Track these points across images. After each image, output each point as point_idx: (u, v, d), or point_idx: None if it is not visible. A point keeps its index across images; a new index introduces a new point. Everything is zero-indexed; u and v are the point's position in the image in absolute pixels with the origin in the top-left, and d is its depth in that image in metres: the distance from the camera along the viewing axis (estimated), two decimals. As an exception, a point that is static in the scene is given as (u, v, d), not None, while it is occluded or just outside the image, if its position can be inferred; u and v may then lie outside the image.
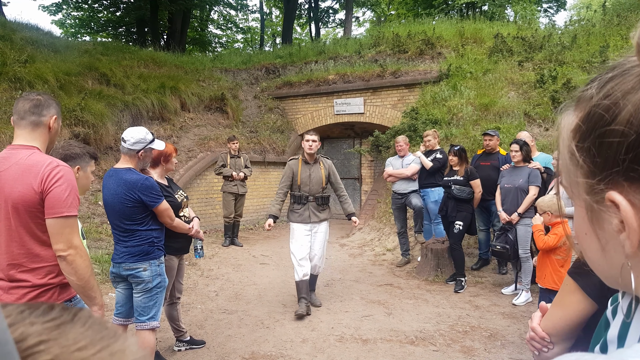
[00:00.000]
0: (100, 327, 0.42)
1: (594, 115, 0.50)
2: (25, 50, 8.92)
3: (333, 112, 11.79)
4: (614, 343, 0.64)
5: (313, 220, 5.07)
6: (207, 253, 7.47)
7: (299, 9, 25.57)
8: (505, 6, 19.75)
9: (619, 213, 0.48)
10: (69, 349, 0.38)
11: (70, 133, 7.67)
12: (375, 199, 9.60)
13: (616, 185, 0.48)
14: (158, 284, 3.20)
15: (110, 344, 0.41)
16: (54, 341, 0.38)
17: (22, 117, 2.13)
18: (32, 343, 0.37)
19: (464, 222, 5.82)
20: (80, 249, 2.12)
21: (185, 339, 4.09)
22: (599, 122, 0.49)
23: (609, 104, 0.48)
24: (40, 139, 2.16)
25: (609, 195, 0.48)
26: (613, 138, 0.47)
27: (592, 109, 0.50)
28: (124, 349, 0.41)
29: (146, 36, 19.45)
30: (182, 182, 8.79)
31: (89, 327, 0.41)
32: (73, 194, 2.11)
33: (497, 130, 6.90)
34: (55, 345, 0.37)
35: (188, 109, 10.85)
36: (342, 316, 4.95)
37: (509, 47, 10.62)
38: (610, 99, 0.48)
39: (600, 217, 0.51)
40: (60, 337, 0.38)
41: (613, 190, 0.48)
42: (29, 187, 2.02)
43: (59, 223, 2.07)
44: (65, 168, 2.12)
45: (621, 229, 0.48)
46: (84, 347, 0.39)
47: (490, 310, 5.10)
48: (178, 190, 3.80)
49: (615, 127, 0.47)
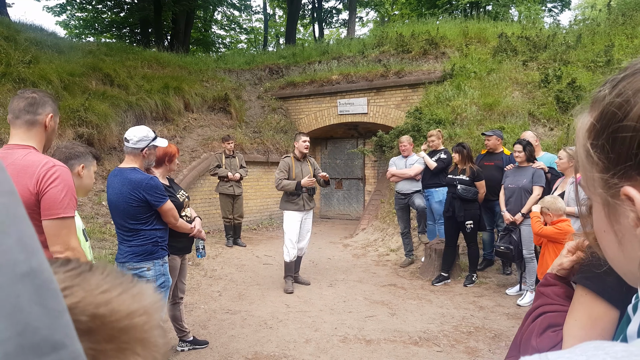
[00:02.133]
0: (118, 274, 0.45)
1: (607, 113, 0.52)
2: (30, 51, 8.95)
3: (336, 112, 11.78)
4: (633, 338, 0.65)
5: (306, 208, 5.87)
6: (210, 253, 7.47)
7: (303, 10, 25.57)
8: (510, 6, 19.68)
9: (634, 207, 0.49)
10: (92, 292, 0.41)
11: (74, 133, 7.70)
12: (379, 200, 9.58)
13: (630, 179, 0.50)
14: (162, 284, 3.20)
15: (130, 287, 0.44)
16: (78, 286, 0.41)
17: (17, 116, 2.09)
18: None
19: (474, 220, 5.90)
20: (77, 250, 2.09)
21: (188, 339, 4.08)
22: (611, 119, 0.51)
23: (621, 102, 0.50)
24: (37, 138, 2.12)
25: (624, 189, 0.50)
26: (625, 133, 0.49)
27: (605, 107, 0.53)
28: (143, 292, 0.45)
29: (150, 37, 19.50)
30: (185, 182, 8.79)
31: (108, 274, 0.44)
32: (70, 195, 2.07)
33: (499, 130, 6.87)
34: (80, 289, 0.40)
35: (191, 109, 10.86)
36: (346, 316, 4.93)
37: (513, 47, 10.57)
38: (622, 97, 0.50)
39: (616, 211, 0.53)
40: (83, 283, 0.41)
41: (627, 185, 0.50)
42: (25, 188, 1.98)
43: (56, 224, 2.03)
44: (62, 168, 2.08)
45: (637, 223, 0.49)
46: (107, 290, 0.42)
47: (495, 311, 5.08)
48: (179, 190, 3.80)
49: (627, 123, 0.49)
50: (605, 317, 1.09)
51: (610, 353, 0.40)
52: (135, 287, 0.45)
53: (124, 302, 0.42)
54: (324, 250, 8.38)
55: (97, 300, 0.40)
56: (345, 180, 12.85)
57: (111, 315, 0.40)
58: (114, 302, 0.41)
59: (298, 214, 5.83)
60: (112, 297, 0.41)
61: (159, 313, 0.46)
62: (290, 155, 5.99)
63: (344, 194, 12.85)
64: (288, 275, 5.92)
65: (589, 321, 1.13)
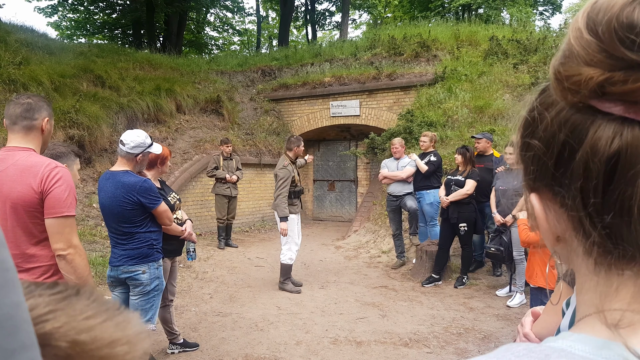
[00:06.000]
0: (103, 301, 0.45)
1: (526, 120, 0.52)
2: (20, 52, 8.89)
3: (329, 114, 11.81)
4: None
5: (298, 211, 5.97)
6: (201, 255, 7.45)
7: (296, 12, 25.61)
8: (501, 9, 19.83)
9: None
10: (76, 317, 0.40)
11: (65, 135, 7.65)
12: (371, 201, 9.60)
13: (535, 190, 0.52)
14: (156, 287, 3.19)
15: (115, 315, 0.44)
16: (62, 311, 0.40)
17: (14, 122, 2.14)
18: (42, 312, 0.40)
19: (468, 223, 5.88)
20: (79, 248, 2.16)
21: (179, 341, 4.07)
22: (527, 128, 0.52)
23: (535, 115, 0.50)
24: (35, 142, 2.18)
25: (531, 196, 0.52)
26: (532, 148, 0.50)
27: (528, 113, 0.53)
28: (128, 321, 0.44)
29: (142, 38, 19.44)
30: (177, 185, 8.77)
31: (94, 301, 0.44)
32: (72, 195, 2.15)
33: (488, 133, 6.93)
34: (63, 314, 0.40)
35: (184, 111, 10.83)
36: (337, 318, 4.94)
37: (504, 50, 10.66)
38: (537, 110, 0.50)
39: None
40: (68, 308, 0.41)
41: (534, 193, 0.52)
42: (29, 187, 2.05)
43: (59, 223, 2.10)
44: (63, 169, 2.16)
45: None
46: (91, 316, 0.41)
47: (485, 312, 5.11)
48: (171, 192, 3.79)
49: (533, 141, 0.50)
50: None
51: (515, 352, 0.42)
52: (121, 316, 0.44)
53: (107, 329, 0.41)
54: (316, 252, 8.39)
55: (80, 326, 0.40)
56: (338, 182, 12.88)
57: (92, 343, 0.40)
58: (96, 329, 0.41)
59: (296, 216, 5.91)
60: (95, 324, 0.41)
61: (143, 344, 0.45)
62: (288, 162, 5.84)
63: (336, 195, 12.87)
64: (287, 278, 5.99)
65: (554, 309, 1.26)
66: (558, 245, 0.50)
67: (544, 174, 0.48)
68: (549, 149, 0.46)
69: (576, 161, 0.43)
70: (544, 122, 0.47)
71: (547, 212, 0.49)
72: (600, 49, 0.41)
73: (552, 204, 0.48)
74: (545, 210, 0.49)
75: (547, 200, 0.49)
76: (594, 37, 0.41)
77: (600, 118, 0.42)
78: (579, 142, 0.43)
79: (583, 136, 0.43)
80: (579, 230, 0.45)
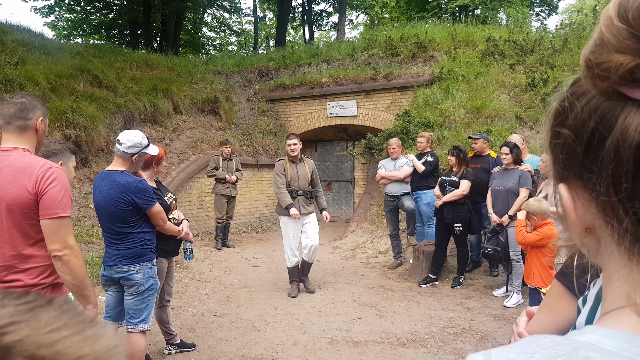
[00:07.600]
0: (76, 313, 0.41)
1: (557, 109, 0.53)
2: (17, 52, 8.86)
3: (326, 114, 11.81)
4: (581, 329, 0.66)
5: (302, 212, 5.68)
6: (199, 256, 7.44)
7: (293, 12, 25.61)
8: (498, 10, 19.89)
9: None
10: (39, 330, 0.38)
11: (62, 135, 7.62)
12: (368, 202, 9.61)
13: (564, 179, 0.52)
14: (150, 287, 3.19)
15: (85, 328, 0.40)
16: (25, 323, 0.38)
17: (8, 122, 2.13)
18: (3, 323, 0.37)
19: (463, 223, 5.88)
20: (75, 248, 2.15)
21: (176, 342, 4.07)
22: (558, 117, 0.53)
23: (567, 104, 0.51)
24: (29, 142, 2.17)
25: (559, 187, 0.52)
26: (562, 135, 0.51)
27: (560, 102, 0.54)
28: (99, 335, 0.41)
29: (139, 38, 19.38)
30: (174, 185, 8.75)
31: (64, 312, 0.40)
32: (67, 195, 2.14)
33: (485, 133, 6.95)
34: (26, 326, 0.37)
35: (181, 111, 10.81)
36: (334, 318, 4.95)
37: (500, 51, 10.69)
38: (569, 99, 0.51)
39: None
40: (32, 320, 0.38)
41: (562, 183, 0.51)
42: (23, 188, 2.04)
43: (55, 223, 2.09)
44: (58, 169, 2.14)
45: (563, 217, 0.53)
46: (56, 329, 0.38)
47: (482, 312, 5.12)
48: (167, 192, 3.79)
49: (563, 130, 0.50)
50: (567, 308, 1.21)
51: (540, 344, 0.42)
52: (92, 329, 0.40)
53: (72, 344, 0.38)
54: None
55: (42, 340, 0.37)
56: (335, 183, 12.87)
57: (52, 359, 0.37)
58: (59, 343, 0.37)
59: (287, 217, 5.73)
60: (59, 338, 0.38)
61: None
62: (284, 157, 5.89)
63: (333, 196, 12.87)
64: (293, 280, 5.89)
65: (547, 308, 1.27)
66: (587, 237, 0.50)
67: (573, 162, 0.48)
68: (578, 136, 0.46)
69: (606, 148, 0.43)
70: (574, 111, 0.47)
71: (576, 202, 0.49)
72: (630, 35, 0.41)
73: (582, 192, 0.48)
74: (574, 200, 0.49)
75: (576, 189, 0.49)
76: (625, 23, 0.41)
77: (630, 105, 0.42)
78: (609, 129, 0.43)
79: (613, 123, 0.43)
80: (611, 217, 0.45)
